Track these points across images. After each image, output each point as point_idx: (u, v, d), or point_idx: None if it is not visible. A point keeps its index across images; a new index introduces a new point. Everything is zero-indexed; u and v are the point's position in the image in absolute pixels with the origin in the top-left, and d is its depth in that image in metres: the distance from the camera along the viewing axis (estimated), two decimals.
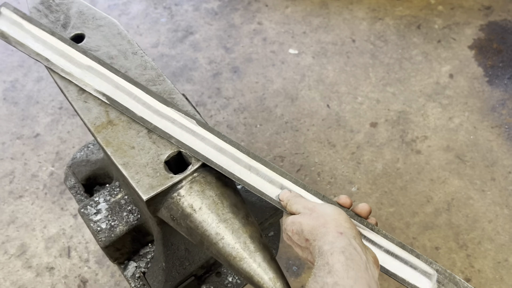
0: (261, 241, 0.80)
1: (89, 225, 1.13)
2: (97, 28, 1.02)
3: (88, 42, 0.99)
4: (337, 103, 2.22)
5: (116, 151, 0.87)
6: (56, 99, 2.28)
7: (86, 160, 1.27)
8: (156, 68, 0.97)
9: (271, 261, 0.77)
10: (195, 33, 2.51)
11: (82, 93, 0.93)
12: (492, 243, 1.85)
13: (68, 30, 1.01)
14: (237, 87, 2.29)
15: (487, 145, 2.07)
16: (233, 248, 0.78)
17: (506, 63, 2.29)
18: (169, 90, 0.94)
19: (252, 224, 0.81)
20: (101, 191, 1.18)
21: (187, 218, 0.82)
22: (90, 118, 0.90)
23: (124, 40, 1.00)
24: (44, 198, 2.03)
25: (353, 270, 0.64)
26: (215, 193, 0.83)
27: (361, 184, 2.00)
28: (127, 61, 0.97)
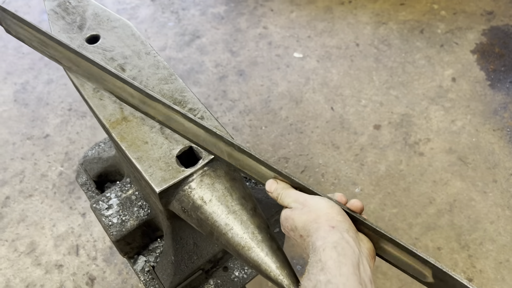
0: (268, 231, 0.83)
1: (101, 220, 1.17)
2: (112, 29, 1.06)
3: (103, 43, 1.04)
4: (341, 106, 2.26)
5: (130, 146, 0.91)
6: (66, 101, 2.32)
7: (98, 158, 1.31)
8: (168, 68, 1.01)
9: (278, 251, 0.81)
10: (202, 37, 2.56)
11: (97, 91, 0.97)
12: (494, 244, 1.88)
13: (84, 31, 1.05)
14: (243, 90, 2.34)
15: (489, 147, 2.10)
16: (242, 238, 0.81)
17: (508, 67, 2.33)
18: (181, 88, 0.98)
19: (260, 216, 0.85)
20: (112, 187, 1.22)
21: (198, 210, 0.86)
22: (105, 114, 0.94)
23: (137, 41, 1.05)
24: (53, 197, 2.07)
25: (346, 266, 0.64)
26: (225, 186, 0.86)
27: (364, 185, 2.03)
28: (141, 61, 1.01)
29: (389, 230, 1.93)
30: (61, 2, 1.10)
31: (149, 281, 1.22)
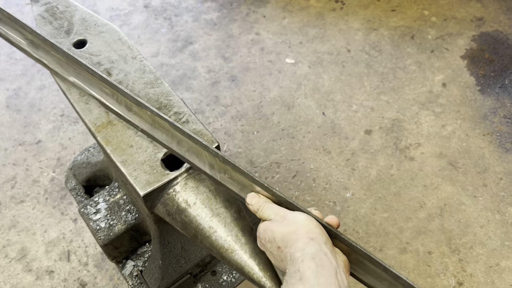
0: (252, 234, 0.84)
1: (89, 224, 1.17)
2: (99, 34, 1.07)
3: (90, 48, 1.05)
4: (333, 111, 2.27)
5: (115, 150, 0.91)
6: (58, 107, 2.33)
7: (87, 162, 1.31)
8: (154, 72, 1.02)
9: (261, 253, 0.81)
10: (195, 43, 2.57)
11: (84, 95, 0.98)
12: (484, 248, 1.89)
13: (71, 36, 1.06)
14: (235, 95, 2.35)
15: (479, 152, 2.12)
16: (225, 240, 0.82)
17: (497, 73, 2.35)
18: (166, 92, 0.99)
19: (244, 218, 0.86)
20: (100, 192, 1.22)
21: (182, 213, 0.86)
22: (91, 118, 0.95)
23: (124, 45, 1.05)
24: (45, 203, 2.07)
25: (323, 277, 0.65)
26: (209, 189, 0.87)
27: (355, 190, 2.04)
28: (127, 65, 1.02)
29: (380, 235, 1.94)
30: (48, 7, 1.11)
31: (137, 286, 1.22)
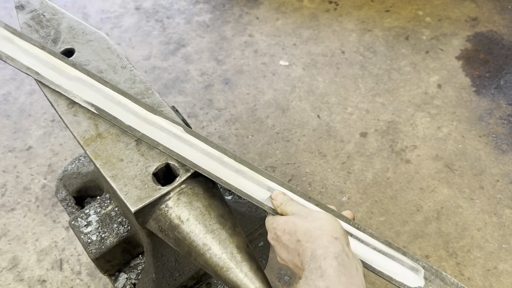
0: (248, 251, 0.81)
1: (80, 237, 1.14)
2: (87, 42, 1.04)
3: (78, 57, 1.01)
4: (328, 114, 2.24)
5: (105, 164, 0.88)
6: (49, 112, 2.29)
7: (77, 173, 1.28)
8: (145, 82, 0.99)
9: (258, 271, 0.79)
10: (187, 46, 2.53)
11: (71, 107, 0.94)
12: (482, 251, 1.87)
13: (58, 45, 1.03)
14: (229, 99, 2.32)
15: (475, 154, 2.10)
16: (220, 258, 0.79)
17: (492, 73, 2.33)
18: (158, 103, 0.96)
19: (239, 235, 0.83)
20: (91, 203, 1.19)
21: (175, 229, 0.83)
22: (79, 131, 0.92)
23: (113, 54, 1.02)
24: (36, 210, 2.03)
25: (345, 276, 0.65)
26: (203, 204, 0.84)
27: (351, 193, 2.02)
28: (116, 75, 0.99)
29: None
30: (34, 15, 1.07)
31: None
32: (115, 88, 0.94)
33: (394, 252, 0.77)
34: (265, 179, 0.84)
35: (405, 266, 0.76)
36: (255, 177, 0.84)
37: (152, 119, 0.90)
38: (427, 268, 0.76)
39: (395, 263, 0.76)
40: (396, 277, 0.75)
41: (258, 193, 0.83)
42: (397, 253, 0.77)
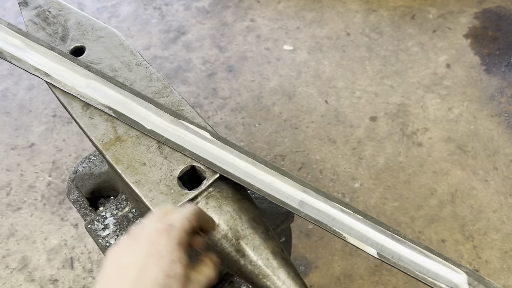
0: (283, 256, 0.77)
1: (97, 241, 1.10)
2: (98, 39, 0.98)
3: (89, 55, 0.96)
4: (335, 99, 2.20)
5: (127, 169, 0.84)
6: (49, 107, 2.23)
7: (90, 174, 1.23)
8: (162, 79, 0.93)
9: (296, 277, 0.75)
10: (187, 33, 2.47)
11: (87, 109, 0.89)
12: (498, 233, 1.85)
13: (67, 42, 0.97)
14: (233, 87, 2.26)
15: (487, 134, 2.07)
16: (255, 265, 0.75)
17: (502, 51, 2.28)
18: (177, 102, 0.91)
19: (273, 239, 0.79)
20: (107, 205, 1.15)
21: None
22: (97, 135, 0.87)
23: (126, 51, 0.97)
24: (43, 209, 1.99)
25: None
26: (233, 208, 0.80)
27: (364, 179, 1.99)
28: (132, 73, 0.94)
29: (391, 225, 1.89)
30: (40, 12, 1.01)
31: None
32: (133, 91, 0.89)
33: (435, 258, 0.74)
34: (298, 184, 0.80)
35: (448, 271, 0.73)
36: (287, 183, 0.80)
37: (175, 123, 0.85)
38: (469, 273, 0.72)
39: (438, 268, 0.73)
40: (439, 283, 0.72)
41: (292, 199, 0.79)
42: (439, 258, 0.73)
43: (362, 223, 0.77)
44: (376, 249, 0.75)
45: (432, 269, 0.73)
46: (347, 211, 0.78)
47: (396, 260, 0.74)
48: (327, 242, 1.86)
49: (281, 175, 0.82)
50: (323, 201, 0.79)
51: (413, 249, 0.75)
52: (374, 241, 0.76)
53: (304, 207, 0.79)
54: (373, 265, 1.82)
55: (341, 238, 0.76)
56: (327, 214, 0.78)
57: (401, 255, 0.74)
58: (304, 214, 0.78)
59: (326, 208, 0.78)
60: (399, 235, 0.76)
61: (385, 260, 0.74)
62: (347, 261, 1.83)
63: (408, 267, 0.73)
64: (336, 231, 0.77)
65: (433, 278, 0.72)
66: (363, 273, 1.81)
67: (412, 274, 0.72)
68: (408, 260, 0.74)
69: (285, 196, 0.80)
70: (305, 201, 0.79)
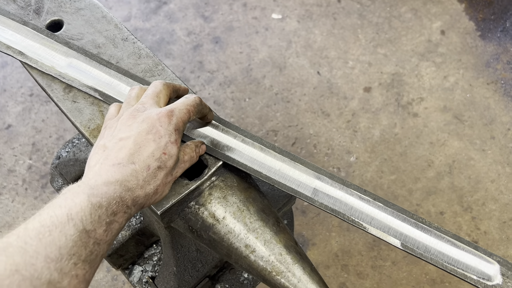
0: (298, 250, 0.70)
1: None
2: (77, 12, 0.87)
3: (69, 30, 0.85)
4: (328, 69, 2.11)
5: None
6: (26, 85, 2.09)
7: (74, 159, 1.14)
8: (153, 56, 0.84)
9: (312, 273, 0.68)
10: (169, 3, 2.33)
11: (69, 92, 0.79)
12: (496, 203, 1.82)
13: (42, 16, 0.86)
14: (221, 59, 2.15)
15: (484, 102, 2.02)
16: (267, 261, 0.68)
17: (497, 15, 2.21)
18: (170, 80, 0.81)
19: (285, 231, 0.72)
20: None
21: (209, 230, 0.72)
22: (82, 120, 0.77)
23: (110, 24, 0.86)
24: (25, 194, 1.89)
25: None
26: (239, 198, 0.72)
27: (359, 153, 1.93)
28: (118, 50, 0.84)
29: (389, 198, 1.85)
30: None
31: None
32: (121, 70, 0.79)
33: (464, 247, 0.68)
34: (311, 171, 0.72)
35: (479, 261, 0.66)
36: (299, 169, 0.72)
37: None
38: (502, 263, 0.66)
39: (468, 258, 0.66)
40: (470, 274, 0.65)
41: (304, 187, 0.72)
42: (469, 247, 0.67)
43: (383, 211, 0.70)
44: (400, 239, 0.69)
45: (461, 260, 0.67)
46: (366, 198, 0.71)
47: (422, 251, 0.68)
48: (324, 219, 1.81)
49: (292, 160, 0.74)
50: (339, 189, 0.72)
51: (439, 238, 0.68)
52: (397, 231, 0.69)
53: (318, 195, 0.71)
54: (371, 240, 1.78)
55: (362, 229, 0.69)
56: (344, 202, 0.71)
57: (427, 246, 0.68)
58: (319, 203, 0.71)
59: (342, 196, 0.71)
60: (424, 223, 0.69)
61: (410, 251, 0.68)
62: (345, 237, 1.79)
63: (435, 259, 0.67)
64: (355, 221, 0.70)
65: (463, 270, 0.66)
66: (361, 249, 1.77)
67: (440, 266, 0.66)
68: (435, 251, 0.67)
69: (297, 184, 0.72)
70: (319, 189, 0.72)
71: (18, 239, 0.50)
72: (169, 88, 0.71)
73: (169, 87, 0.71)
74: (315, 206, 0.71)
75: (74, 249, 0.51)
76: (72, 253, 0.51)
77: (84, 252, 0.52)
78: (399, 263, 1.73)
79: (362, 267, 1.74)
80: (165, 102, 0.70)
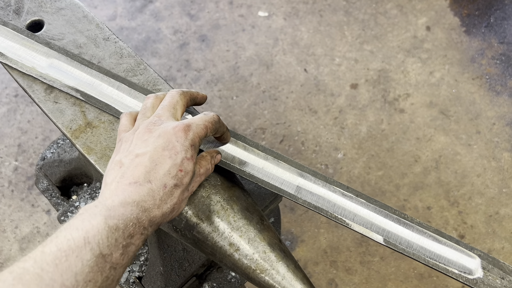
0: (281, 247, 0.71)
1: None
2: (58, 11, 0.86)
3: (49, 30, 0.84)
4: (315, 66, 2.11)
5: (100, 159, 0.74)
6: (10, 86, 2.07)
7: (59, 160, 1.13)
8: (135, 55, 0.83)
9: (296, 270, 0.69)
10: (155, 1, 2.32)
11: (50, 92, 0.79)
12: (482, 197, 1.84)
13: (22, 16, 0.85)
14: (207, 57, 2.15)
15: (469, 97, 2.03)
16: (251, 259, 0.68)
17: (482, 11, 2.23)
18: (153, 80, 0.81)
19: (269, 229, 0.72)
20: (80, 194, 1.06)
21: (193, 229, 0.72)
22: (64, 121, 0.77)
23: (92, 24, 0.85)
24: (11, 195, 1.87)
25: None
26: (223, 197, 0.72)
27: (347, 149, 1.94)
28: (99, 49, 0.83)
29: (376, 194, 1.86)
30: None
31: None
32: (102, 70, 0.79)
33: (446, 241, 0.68)
34: (294, 168, 0.73)
35: (460, 256, 0.67)
36: (282, 167, 0.73)
37: None
38: (483, 256, 0.67)
39: (449, 252, 0.67)
40: (452, 269, 0.66)
41: (288, 185, 0.72)
42: (450, 242, 0.68)
43: (366, 207, 0.71)
44: (382, 235, 0.69)
45: (443, 255, 0.67)
46: (348, 195, 0.71)
47: (404, 247, 0.68)
48: (312, 215, 1.81)
49: (275, 158, 0.74)
50: (322, 186, 0.72)
51: (421, 233, 0.69)
52: (379, 227, 0.70)
53: (301, 193, 0.72)
54: (360, 236, 1.79)
55: (345, 225, 0.69)
56: (327, 199, 0.71)
57: (409, 241, 0.69)
58: (302, 200, 0.71)
59: (325, 193, 0.72)
60: (406, 218, 0.70)
61: (392, 247, 0.68)
62: (333, 233, 1.80)
63: (417, 254, 0.67)
64: (338, 217, 0.70)
65: (445, 264, 0.66)
66: (349, 245, 1.78)
67: (422, 261, 0.66)
68: (417, 246, 0.68)
69: (281, 182, 0.72)
70: (303, 186, 0.72)
71: (35, 264, 0.49)
72: (185, 98, 0.69)
73: (185, 97, 0.69)
74: (298, 203, 0.71)
75: (90, 275, 0.50)
76: (88, 279, 0.50)
77: (100, 278, 0.51)
78: (387, 258, 1.75)
79: (350, 263, 1.75)
80: (182, 113, 0.68)
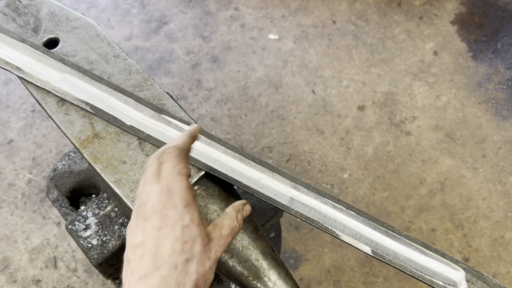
0: (274, 256, 0.74)
1: (79, 242, 1.06)
2: (73, 30, 0.92)
3: (64, 47, 0.90)
4: (323, 88, 2.16)
5: (106, 168, 0.79)
6: (28, 102, 2.15)
7: (69, 172, 1.18)
8: (142, 72, 0.88)
9: (287, 278, 0.72)
10: (170, 23, 2.40)
11: (62, 105, 0.84)
12: (488, 221, 1.84)
13: (40, 34, 0.91)
14: (218, 78, 2.21)
15: (476, 121, 2.05)
16: (244, 266, 0.72)
17: (489, 37, 2.26)
18: (158, 95, 0.86)
19: (263, 238, 0.75)
20: (88, 204, 1.10)
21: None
22: (73, 132, 0.82)
23: (103, 42, 0.91)
24: (24, 207, 1.93)
25: None
26: (219, 206, 0.76)
27: (352, 170, 1.96)
28: (109, 66, 0.89)
29: (381, 215, 1.87)
30: (9, 2, 0.95)
31: None
32: (111, 85, 0.84)
33: (432, 254, 0.71)
34: (288, 181, 0.76)
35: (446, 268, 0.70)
36: (277, 179, 0.76)
37: (156, 118, 0.80)
38: (467, 269, 0.70)
39: (435, 264, 0.70)
40: (437, 280, 0.69)
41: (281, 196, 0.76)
42: (436, 255, 0.70)
43: (355, 219, 0.74)
44: (370, 246, 0.72)
45: (429, 266, 0.70)
46: (339, 207, 0.75)
47: (391, 258, 0.71)
48: (317, 234, 1.83)
49: (270, 171, 0.78)
50: (314, 198, 0.75)
51: (408, 245, 0.72)
52: (368, 238, 0.72)
53: (294, 204, 0.75)
54: (364, 256, 1.80)
55: (334, 236, 0.72)
56: (319, 211, 0.74)
57: (396, 252, 0.71)
58: (295, 211, 0.74)
59: (317, 204, 0.75)
60: (394, 231, 0.73)
61: (380, 258, 0.71)
62: (337, 253, 1.81)
63: (404, 265, 0.70)
64: (329, 228, 0.73)
65: (430, 276, 0.69)
66: (353, 265, 1.79)
67: (408, 272, 0.69)
68: (403, 258, 0.71)
69: (275, 193, 0.76)
70: (296, 198, 0.75)
71: None
72: (178, 157, 0.61)
73: (177, 155, 0.62)
74: (291, 214, 0.74)
75: None
76: None
77: None
78: (391, 279, 1.75)
79: (354, 283, 1.75)
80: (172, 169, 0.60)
